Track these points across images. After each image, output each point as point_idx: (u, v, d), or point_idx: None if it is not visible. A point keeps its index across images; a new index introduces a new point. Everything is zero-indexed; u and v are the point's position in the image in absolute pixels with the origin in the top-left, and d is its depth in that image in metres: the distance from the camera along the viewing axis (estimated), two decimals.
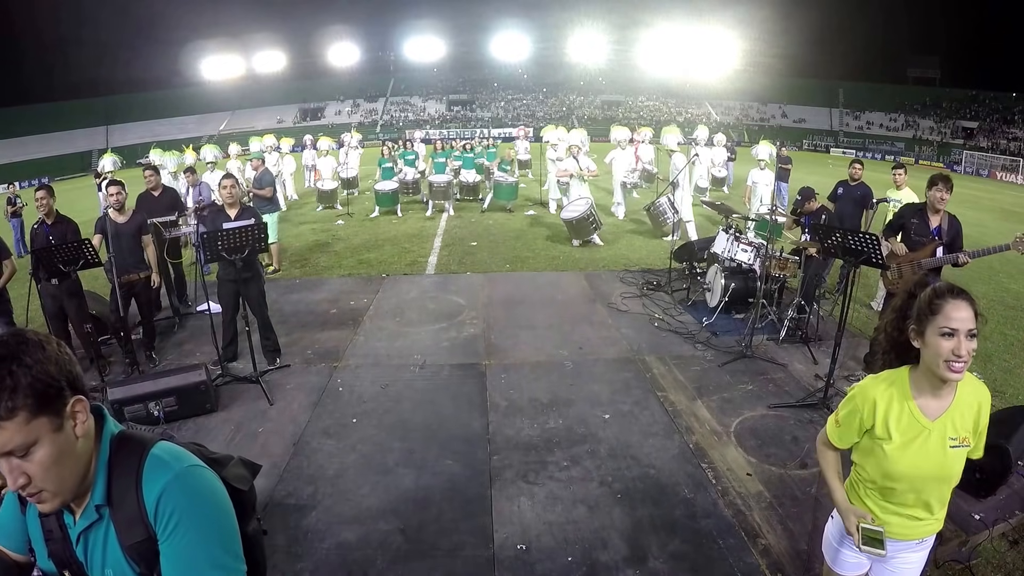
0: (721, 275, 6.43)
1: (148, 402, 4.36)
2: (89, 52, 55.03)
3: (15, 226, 11.95)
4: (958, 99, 52.25)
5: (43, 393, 0.99)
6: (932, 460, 1.77)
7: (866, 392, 1.85)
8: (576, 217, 9.60)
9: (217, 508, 1.14)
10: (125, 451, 1.13)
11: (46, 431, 1.00)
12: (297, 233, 11.45)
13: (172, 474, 1.10)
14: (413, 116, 58.15)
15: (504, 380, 5.11)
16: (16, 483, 1.00)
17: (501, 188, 13.07)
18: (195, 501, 1.11)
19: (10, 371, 0.96)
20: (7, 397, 0.95)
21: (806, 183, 6.82)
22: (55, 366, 1.02)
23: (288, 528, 3.33)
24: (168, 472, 1.11)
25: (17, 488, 1.01)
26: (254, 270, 5.23)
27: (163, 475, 1.10)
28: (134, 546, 1.09)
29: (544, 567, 3.04)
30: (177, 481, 1.10)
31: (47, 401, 1.00)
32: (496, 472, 3.83)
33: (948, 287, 1.72)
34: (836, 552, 2.04)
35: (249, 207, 5.64)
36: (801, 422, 4.39)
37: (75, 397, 1.05)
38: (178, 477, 1.10)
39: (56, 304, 5.16)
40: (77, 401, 1.05)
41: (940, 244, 4.67)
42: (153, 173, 7.04)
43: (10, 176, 30.18)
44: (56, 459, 1.02)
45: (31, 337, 1.03)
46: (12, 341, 1.01)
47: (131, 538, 1.09)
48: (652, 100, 59.41)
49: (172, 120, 53.49)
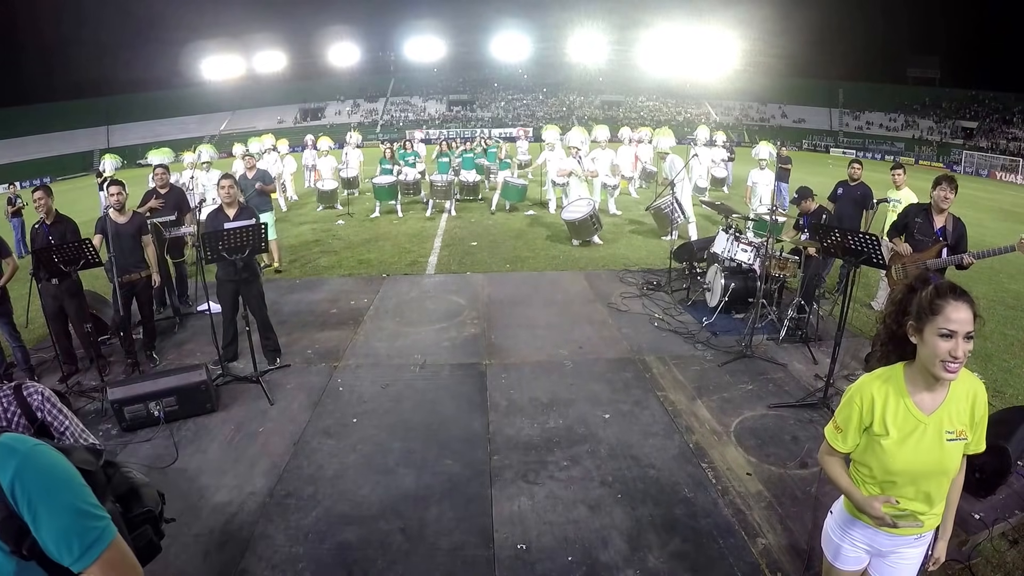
0: (721, 275, 6.44)
1: (148, 402, 4.36)
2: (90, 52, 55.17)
3: (16, 226, 11.95)
4: (958, 99, 52.26)
5: None
6: (930, 454, 1.79)
7: (863, 390, 1.87)
8: (579, 218, 9.61)
9: (64, 472, 1.25)
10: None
11: None
12: (297, 233, 11.46)
13: (19, 456, 1.18)
14: (413, 116, 58.18)
15: (504, 380, 5.11)
16: None
17: (509, 188, 13.07)
18: (44, 474, 1.20)
19: None
20: None
21: (806, 183, 6.83)
22: None
23: (288, 528, 3.33)
24: (15, 455, 1.18)
25: None
26: (252, 270, 5.23)
27: (11, 459, 1.18)
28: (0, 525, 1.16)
29: (544, 567, 3.05)
30: (25, 461, 1.19)
31: None
32: (496, 472, 3.83)
33: (949, 287, 1.72)
34: (837, 548, 2.05)
35: (248, 207, 5.64)
36: (801, 422, 4.39)
37: None
38: (25, 457, 1.19)
39: (56, 304, 5.17)
40: None
41: (945, 245, 4.67)
42: (164, 171, 7.10)
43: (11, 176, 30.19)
44: None
45: None
46: None
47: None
48: (652, 100, 59.43)
49: (173, 120, 53.54)
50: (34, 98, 51.47)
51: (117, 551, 1.24)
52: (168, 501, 1.88)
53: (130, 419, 4.35)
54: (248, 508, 3.48)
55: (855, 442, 1.90)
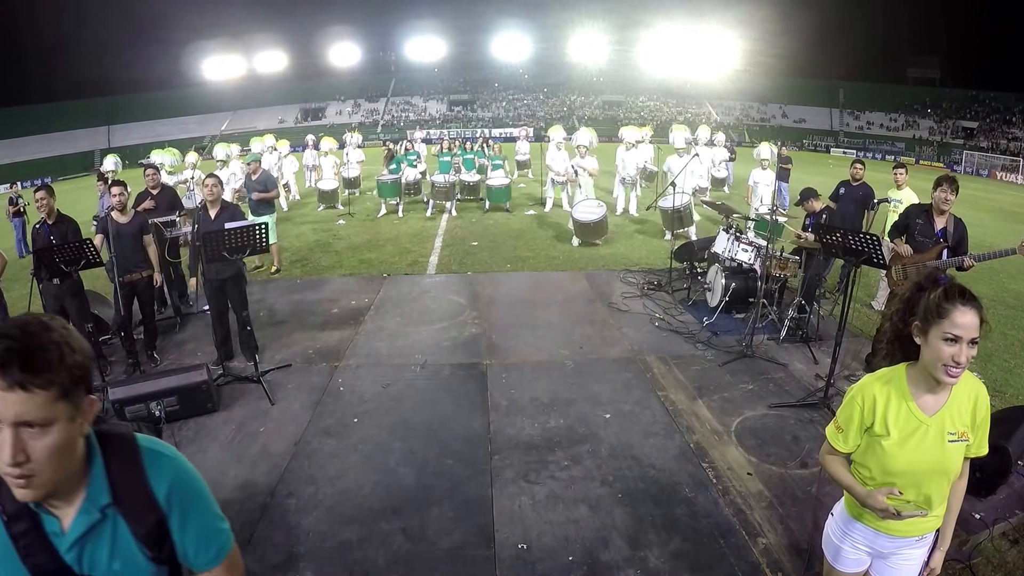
0: (722, 275, 6.44)
1: (149, 402, 4.36)
2: (91, 52, 55.08)
3: (17, 226, 11.97)
4: (958, 99, 52.20)
5: (76, 379, 1.04)
6: (931, 455, 1.78)
7: (864, 390, 1.86)
8: (593, 221, 9.59)
9: (203, 482, 1.27)
10: (116, 449, 1.18)
11: (64, 416, 1.03)
12: (298, 233, 11.47)
13: (172, 464, 1.21)
14: (414, 116, 58.14)
15: (505, 380, 5.11)
16: (15, 458, 0.99)
17: (492, 191, 13.10)
18: (194, 482, 1.24)
19: (60, 348, 1.02)
20: (49, 370, 0.99)
21: (807, 183, 6.83)
22: (87, 360, 1.09)
23: (289, 528, 3.34)
24: (168, 462, 1.21)
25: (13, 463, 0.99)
26: (235, 270, 5.25)
27: (167, 467, 1.20)
28: (149, 533, 1.16)
29: (545, 566, 3.05)
30: (178, 470, 1.22)
31: (75, 388, 1.05)
32: (497, 472, 3.84)
33: (959, 290, 1.69)
34: (837, 549, 2.05)
35: (230, 205, 5.59)
36: (802, 422, 4.39)
37: (89, 397, 1.10)
38: (177, 466, 1.22)
39: (58, 304, 5.17)
40: (90, 400, 1.10)
41: (946, 246, 4.67)
42: (155, 172, 7.07)
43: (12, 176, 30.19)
44: (63, 447, 1.04)
45: (76, 331, 1.10)
46: (58, 322, 1.07)
47: (145, 526, 1.16)
48: (653, 100, 59.39)
49: (174, 120, 53.48)
50: (35, 98, 51.46)
51: (236, 550, 1.32)
52: None
53: (131, 419, 4.35)
54: (249, 508, 3.49)
55: (856, 442, 1.90)
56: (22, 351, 0.98)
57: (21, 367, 0.97)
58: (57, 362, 1.00)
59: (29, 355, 0.98)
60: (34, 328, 1.02)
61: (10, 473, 1.01)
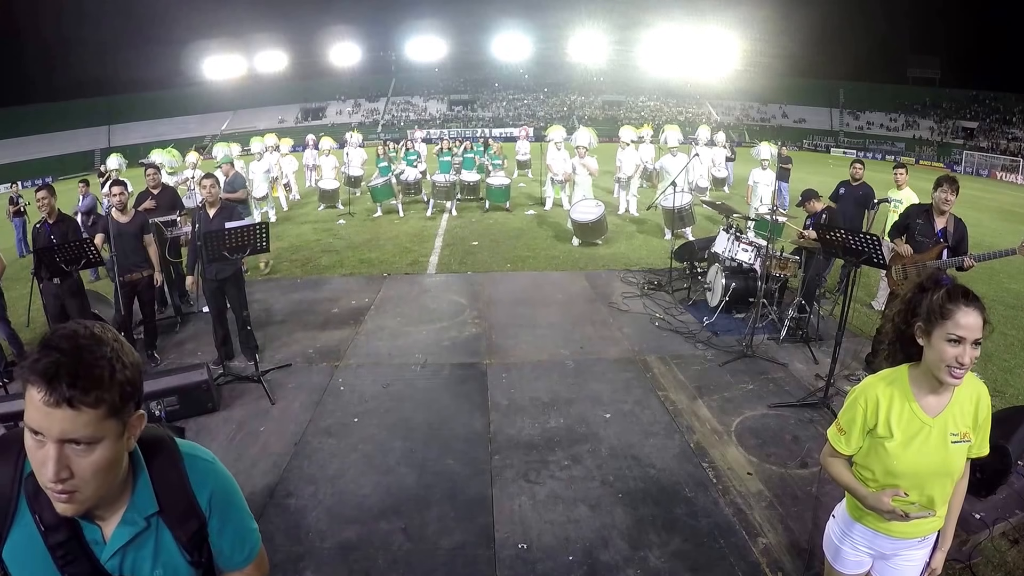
0: (722, 275, 6.44)
1: (150, 401, 4.36)
2: (91, 52, 55.04)
3: (17, 225, 11.98)
4: (958, 99, 52.18)
5: (126, 396, 1.01)
6: (934, 456, 1.77)
7: (867, 391, 1.85)
8: (592, 220, 9.59)
9: (236, 484, 1.30)
10: (157, 455, 1.17)
11: (112, 433, 1.00)
12: (299, 232, 11.47)
13: (211, 469, 1.23)
14: (415, 116, 58.14)
15: (505, 379, 5.11)
16: (58, 475, 0.96)
17: (492, 191, 13.10)
18: (231, 486, 1.27)
19: (111, 364, 0.98)
20: (99, 387, 0.95)
21: (807, 183, 6.84)
22: (138, 375, 1.05)
23: (289, 527, 3.34)
24: (208, 467, 1.23)
25: (56, 480, 0.96)
26: (235, 270, 5.25)
27: (208, 473, 1.22)
28: (191, 538, 1.18)
29: (545, 566, 3.05)
30: (217, 475, 1.24)
31: (124, 405, 1.01)
32: (497, 471, 3.84)
33: (962, 291, 1.69)
34: (837, 550, 2.04)
35: (228, 206, 5.62)
36: (802, 421, 4.39)
37: (138, 412, 1.08)
38: (215, 471, 1.24)
39: (58, 303, 5.18)
40: (139, 416, 1.08)
41: (946, 247, 4.67)
42: (155, 171, 7.09)
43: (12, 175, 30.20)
44: (109, 465, 1.02)
45: (126, 343, 1.06)
46: (110, 335, 1.03)
47: (188, 532, 1.17)
48: (653, 100, 59.37)
49: (174, 120, 53.48)
50: (35, 97, 51.44)
51: (263, 548, 1.36)
52: None
53: None
54: (249, 507, 3.48)
55: (859, 445, 1.88)
56: (71, 366, 0.93)
57: (69, 383, 0.92)
58: (108, 379, 0.96)
59: (78, 371, 0.93)
60: (85, 341, 0.97)
61: (52, 488, 0.98)
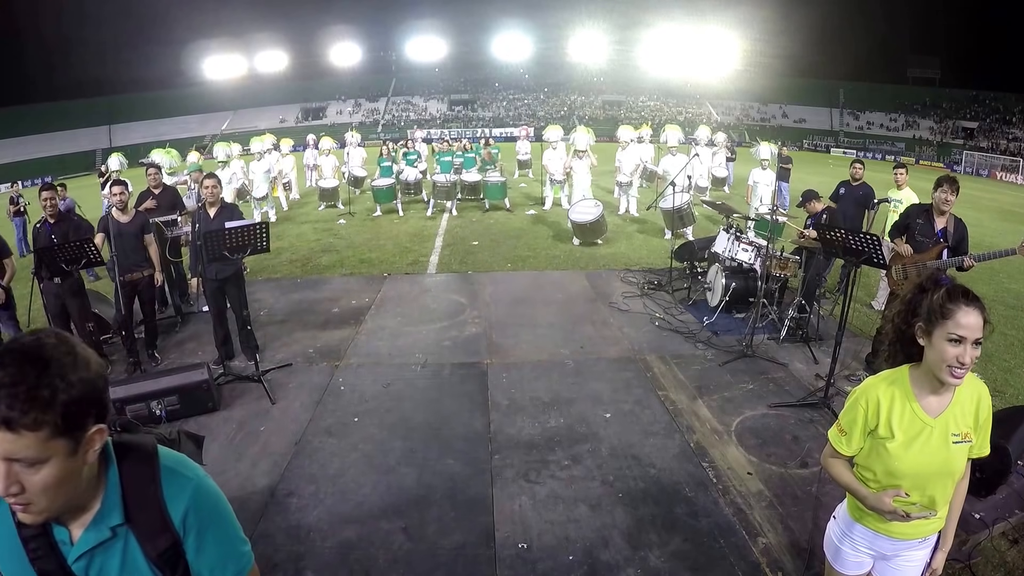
0: (722, 275, 6.44)
1: (150, 401, 4.37)
2: (92, 51, 55.00)
3: (18, 225, 11.97)
4: (958, 99, 52.17)
5: (72, 416, 0.95)
6: (935, 457, 1.77)
7: (868, 392, 1.85)
8: (591, 220, 9.61)
9: (224, 502, 1.21)
10: (133, 465, 1.13)
11: (60, 453, 0.96)
12: (299, 232, 11.47)
13: (192, 486, 1.15)
14: (415, 116, 58.14)
15: (505, 379, 5.12)
16: (7, 490, 0.94)
17: (488, 187, 13.11)
18: (214, 506, 1.18)
19: (51, 384, 0.92)
20: (38, 409, 0.91)
21: (807, 183, 6.84)
22: (92, 391, 0.99)
23: (290, 526, 3.34)
24: (188, 483, 1.15)
25: (6, 494, 0.94)
26: (235, 270, 5.26)
27: (184, 489, 1.14)
28: (162, 555, 1.12)
29: (545, 566, 3.05)
30: (198, 493, 1.16)
31: (72, 426, 0.96)
32: (497, 471, 3.84)
33: (962, 291, 1.69)
34: (837, 550, 2.04)
35: (229, 205, 5.60)
36: (802, 421, 4.40)
37: (97, 427, 1.01)
38: (197, 489, 1.16)
39: (59, 303, 5.19)
40: (98, 432, 1.02)
41: (946, 247, 4.67)
42: (156, 171, 7.10)
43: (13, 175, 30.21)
44: (60, 481, 0.98)
45: (80, 352, 0.99)
46: (61, 349, 0.96)
47: (157, 548, 1.12)
48: (653, 100, 59.36)
49: (175, 120, 53.48)
50: (36, 97, 51.42)
51: (255, 570, 1.26)
52: None
53: (132, 418, 4.35)
54: (250, 507, 3.49)
55: (860, 445, 1.88)
56: (10, 387, 0.89)
57: (8, 405, 0.89)
58: (48, 400, 0.91)
59: (16, 392, 0.89)
60: (31, 357, 0.92)
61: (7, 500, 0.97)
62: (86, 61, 54.69)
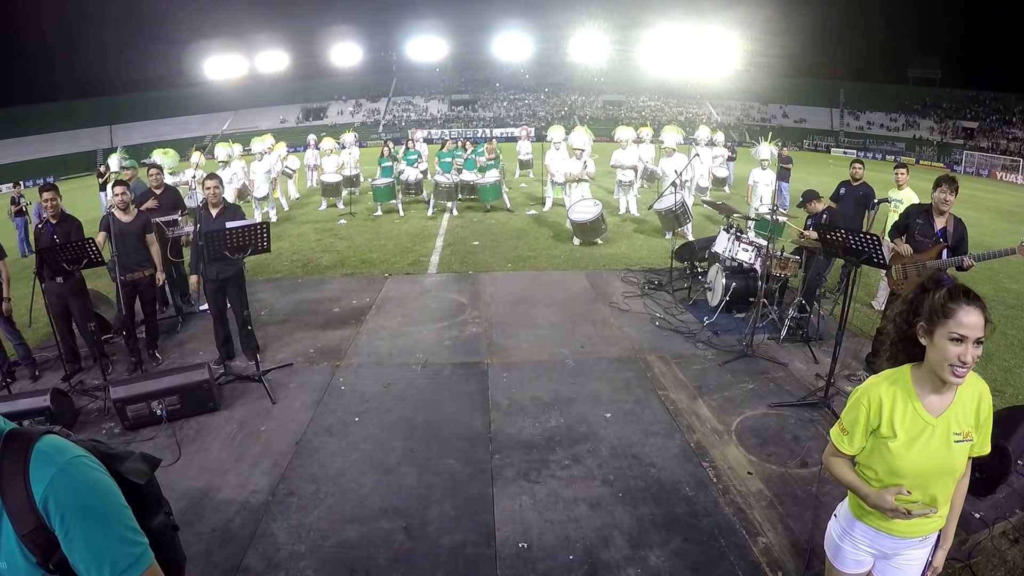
0: (722, 274, 6.44)
1: (151, 401, 4.38)
2: (93, 52, 54.98)
3: (19, 225, 11.99)
4: (958, 99, 52.14)
5: None
6: (937, 456, 1.78)
7: (870, 392, 1.85)
8: (589, 220, 9.62)
9: (101, 494, 1.18)
10: (13, 447, 1.15)
11: None
12: (299, 232, 11.48)
13: (56, 468, 1.13)
14: (415, 116, 58.15)
15: (506, 379, 5.12)
16: None
17: (484, 189, 13.12)
18: (80, 491, 1.14)
19: None
20: None
21: (808, 183, 6.84)
22: None
23: (291, 526, 3.35)
24: (52, 466, 1.13)
25: None
26: (235, 270, 5.26)
27: (47, 470, 1.13)
28: (28, 535, 1.12)
29: (546, 565, 3.06)
30: (61, 475, 1.13)
31: None
32: (498, 471, 3.84)
33: (963, 290, 1.70)
34: (838, 549, 2.05)
35: (232, 206, 5.62)
36: (802, 421, 4.40)
37: None
38: (61, 471, 1.14)
39: (61, 303, 5.20)
40: None
41: (945, 246, 4.67)
42: (158, 171, 7.10)
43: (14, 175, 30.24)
44: None
45: None
46: None
47: (24, 527, 1.12)
48: (653, 100, 59.36)
49: (175, 120, 53.51)
50: (37, 97, 51.42)
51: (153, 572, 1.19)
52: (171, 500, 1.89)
53: (133, 418, 4.37)
54: (251, 506, 3.50)
55: (862, 445, 1.89)
56: None
57: None
58: None
59: None
60: None
61: None
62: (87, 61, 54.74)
